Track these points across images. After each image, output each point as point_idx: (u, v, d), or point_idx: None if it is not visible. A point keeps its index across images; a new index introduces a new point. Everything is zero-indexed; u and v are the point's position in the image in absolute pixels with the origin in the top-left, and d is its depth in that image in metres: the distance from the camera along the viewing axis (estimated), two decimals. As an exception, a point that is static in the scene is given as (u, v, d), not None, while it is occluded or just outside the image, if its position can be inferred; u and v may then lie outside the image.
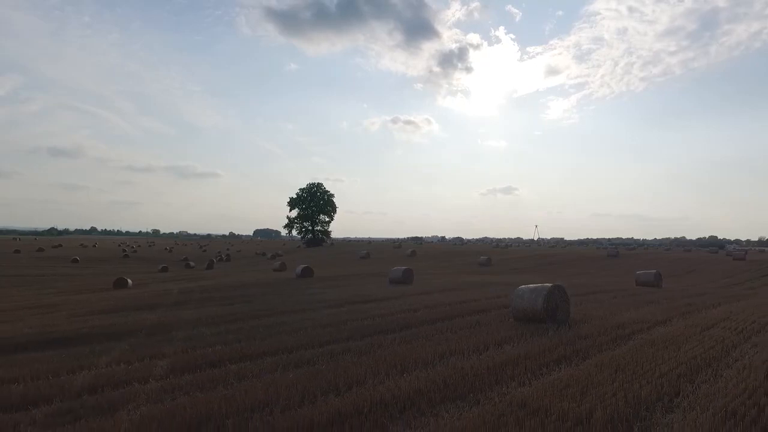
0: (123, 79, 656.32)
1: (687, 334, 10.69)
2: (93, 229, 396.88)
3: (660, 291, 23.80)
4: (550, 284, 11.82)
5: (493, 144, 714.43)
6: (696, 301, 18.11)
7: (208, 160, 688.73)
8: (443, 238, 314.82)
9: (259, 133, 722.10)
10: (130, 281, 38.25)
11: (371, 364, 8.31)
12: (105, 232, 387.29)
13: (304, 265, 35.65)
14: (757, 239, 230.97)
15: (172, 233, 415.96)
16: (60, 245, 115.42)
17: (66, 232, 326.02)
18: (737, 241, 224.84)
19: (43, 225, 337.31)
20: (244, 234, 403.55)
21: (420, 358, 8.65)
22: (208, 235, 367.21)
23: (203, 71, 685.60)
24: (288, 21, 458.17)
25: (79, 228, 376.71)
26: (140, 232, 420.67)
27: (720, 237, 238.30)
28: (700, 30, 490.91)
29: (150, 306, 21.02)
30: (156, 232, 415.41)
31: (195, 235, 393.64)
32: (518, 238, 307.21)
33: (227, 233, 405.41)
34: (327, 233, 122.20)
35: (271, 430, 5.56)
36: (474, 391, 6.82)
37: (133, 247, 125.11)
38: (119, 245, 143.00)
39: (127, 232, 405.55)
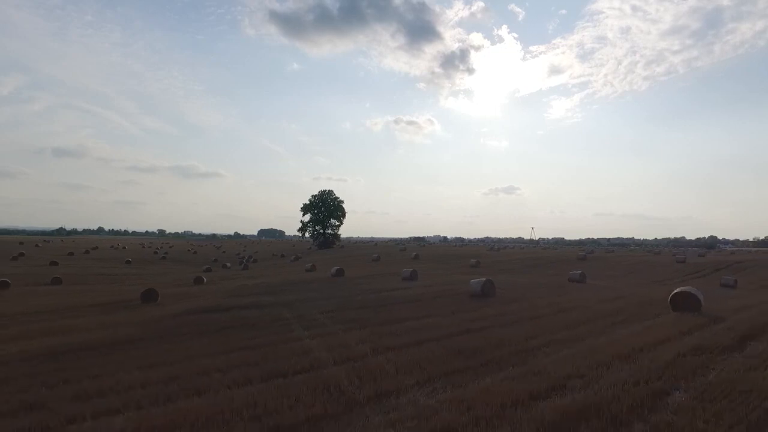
0: (125, 79, 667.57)
1: (546, 302, 23.66)
2: (101, 230, 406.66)
3: (577, 285, 36.79)
4: (485, 278, 24.91)
5: (495, 144, 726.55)
6: (576, 286, 31.22)
7: (211, 160, 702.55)
8: (445, 238, 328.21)
9: (262, 132, 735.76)
10: (205, 279, 51.07)
11: (410, 312, 21.30)
12: (112, 232, 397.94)
13: (337, 267, 48.57)
14: (752, 239, 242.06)
15: (178, 233, 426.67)
16: (96, 247, 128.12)
17: (74, 232, 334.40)
18: (735, 241, 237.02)
19: (46, 225, 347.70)
20: (248, 234, 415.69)
21: (426, 310, 21.65)
22: (214, 235, 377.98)
23: (206, 71, 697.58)
24: (290, 23, 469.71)
25: (87, 228, 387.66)
26: (147, 232, 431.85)
27: (720, 237, 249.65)
28: (704, 28, 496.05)
29: (254, 293, 33.56)
30: (162, 232, 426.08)
31: (200, 235, 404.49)
32: (519, 237, 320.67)
33: (232, 233, 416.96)
34: (337, 236, 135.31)
35: (396, 319, 18.53)
36: (448, 315, 19.89)
37: (161, 249, 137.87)
38: (143, 246, 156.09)
39: (134, 233, 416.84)
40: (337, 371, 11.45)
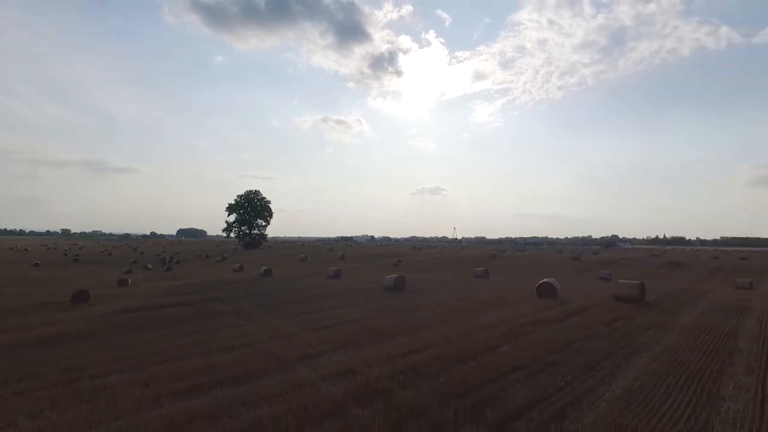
0: (26, 62, 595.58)
1: (446, 294, 28.62)
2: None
3: (480, 280, 42.79)
4: (396, 275, 29.38)
5: (423, 145, 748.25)
6: (479, 281, 36.93)
7: (127, 155, 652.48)
8: (372, 237, 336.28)
9: (184, 126, 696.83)
10: (129, 280, 50.93)
11: (331, 303, 25.10)
12: (5, 232, 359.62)
13: (265, 267, 50.98)
14: (643, 238, 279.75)
15: (85, 233, 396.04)
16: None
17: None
18: (633, 240, 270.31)
19: None
20: (166, 233, 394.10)
21: (345, 301, 25.60)
22: (127, 235, 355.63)
23: (121, 58, 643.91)
24: (214, 14, 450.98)
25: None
26: (48, 231, 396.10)
27: (621, 236, 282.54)
28: (610, 45, 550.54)
29: (186, 293, 35.48)
30: (66, 231, 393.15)
31: (111, 234, 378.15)
32: (444, 237, 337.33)
33: (148, 233, 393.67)
34: (264, 236, 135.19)
35: (319, 309, 22.21)
36: (363, 305, 23.99)
37: (71, 250, 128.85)
38: (47, 248, 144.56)
39: (32, 232, 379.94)
40: (273, 345, 15.03)
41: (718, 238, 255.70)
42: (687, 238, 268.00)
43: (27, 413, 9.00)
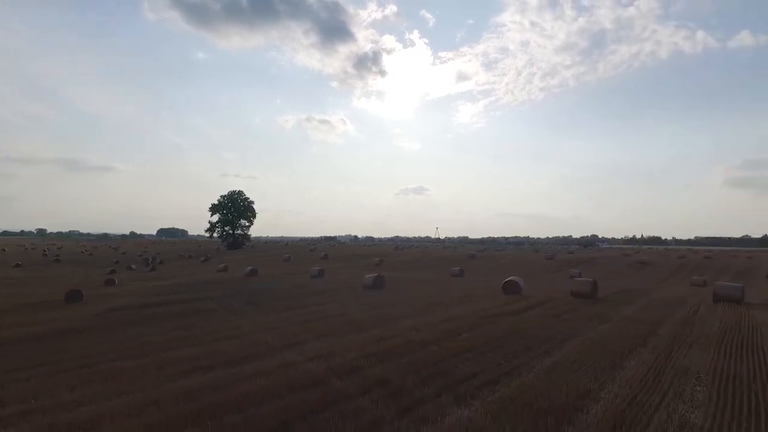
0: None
1: (421, 292, 30.97)
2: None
3: (457, 279, 45.30)
4: (376, 274, 31.63)
5: (407, 145, 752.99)
6: (454, 280, 39.45)
7: (104, 153, 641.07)
8: (356, 237, 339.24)
9: (164, 124, 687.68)
10: (116, 280, 52.04)
11: (315, 300, 27.18)
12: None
13: (251, 267, 52.74)
14: (622, 237, 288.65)
15: (62, 232, 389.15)
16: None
17: None
18: (612, 239, 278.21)
19: None
20: (146, 233, 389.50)
21: (328, 298, 27.72)
22: (105, 235, 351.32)
23: (98, 54, 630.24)
24: (196, 11, 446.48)
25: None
26: (22, 231, 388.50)
27: (600, 236, 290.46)
28: (590, 48, 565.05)
29: (174, 292, 37.10)
30: (42, 231, 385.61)
31: (89, 234, 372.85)
32: (427, 236, 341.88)
33: (127, 232, 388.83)
34: (247, 236, 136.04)
35: (304, 306, 24.28)
36: (343, 302, 26.13)
37: (50, 250, 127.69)
38: (25, 248, 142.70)
39: (6, 232, 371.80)
40: (262, 335, 17.11)
41: (693, 237, 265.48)
42: (663, 237, 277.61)
43: (66, 387, 10.96)
